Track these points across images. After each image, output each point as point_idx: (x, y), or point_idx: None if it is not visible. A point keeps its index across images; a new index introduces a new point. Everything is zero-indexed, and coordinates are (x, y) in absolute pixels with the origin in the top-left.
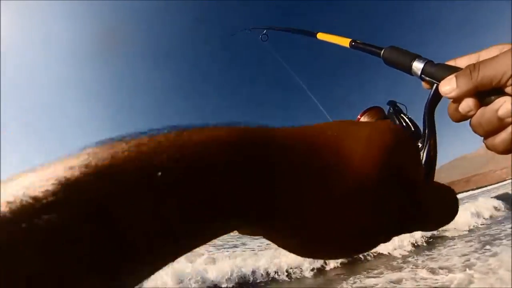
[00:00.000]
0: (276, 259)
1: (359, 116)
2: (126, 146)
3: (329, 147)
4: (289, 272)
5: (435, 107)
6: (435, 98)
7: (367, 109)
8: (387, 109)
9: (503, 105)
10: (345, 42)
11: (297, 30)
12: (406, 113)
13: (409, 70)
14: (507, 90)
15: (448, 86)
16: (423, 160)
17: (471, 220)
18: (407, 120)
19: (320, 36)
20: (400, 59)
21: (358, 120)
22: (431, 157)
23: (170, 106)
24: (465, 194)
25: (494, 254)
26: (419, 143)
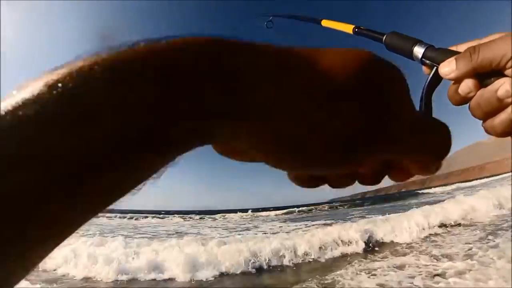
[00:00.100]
0: (288, 241)
1: None
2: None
3: (305, 58)
4: (299, 255)
5: (434, 90)
6: (435, 80)
7: None
8: None
9: (502, 86)
10: (349, 29)
11: (303, 17)
12: None
13: (410, 55)
14: (507, 73)
15: (448, 68)
16: None
17: (494, 211)
18: None
19: (325, 23)
20: (402, 44)
21: None
22: None
23: None
24: (480, 182)
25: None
26: None
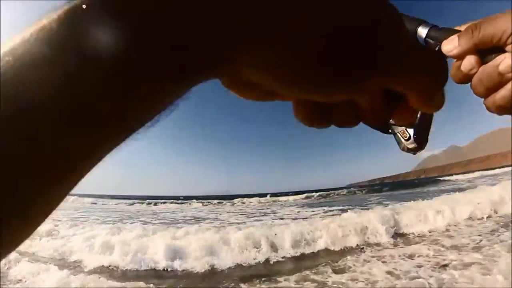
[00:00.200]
0: (306, 228)
1: None
2: None
3: None
4: (315, 242)
5: None
6: None
7: None
8: None
9: (504, 61)
10: None
11: None
12: None
13: (415, 35)
14: (508, 49)
15: (450, 45)
16: (418, 120)
17: None
18: None
19: None
20: (406, 25)
21: None
22: (427, 117)
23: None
24: (503, 170)
25: None
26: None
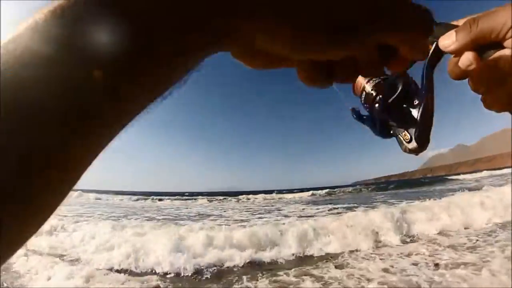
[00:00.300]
0: (310, 226)
1: None
2: None
3: None
4: (318, 239)
5: (435, 65)
6: (436, 54)
7: None
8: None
9: (503, 57)
10: None
11: None
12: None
13: None
14: (507, 43)
15: (448, 40)
16: (419, 113)
17: None
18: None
19: None
20: None
21: None
22: (428, 111)
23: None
24: (509, 170)
25: None
26: (416, 100)
